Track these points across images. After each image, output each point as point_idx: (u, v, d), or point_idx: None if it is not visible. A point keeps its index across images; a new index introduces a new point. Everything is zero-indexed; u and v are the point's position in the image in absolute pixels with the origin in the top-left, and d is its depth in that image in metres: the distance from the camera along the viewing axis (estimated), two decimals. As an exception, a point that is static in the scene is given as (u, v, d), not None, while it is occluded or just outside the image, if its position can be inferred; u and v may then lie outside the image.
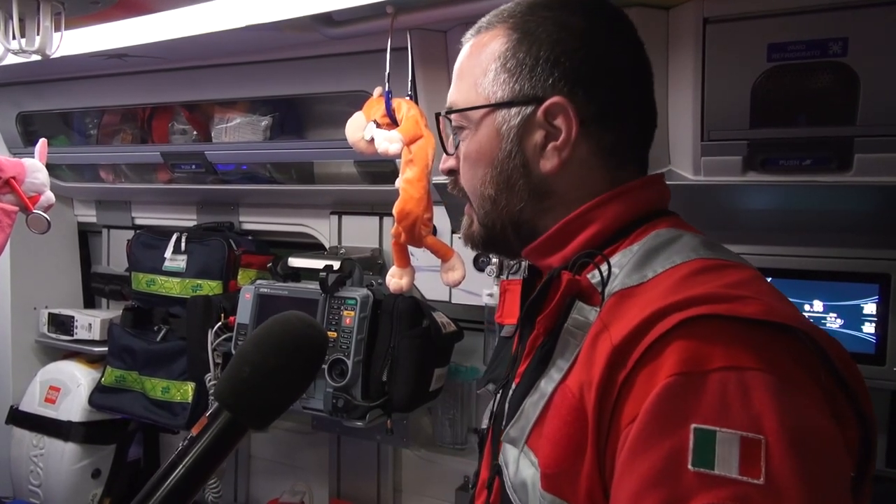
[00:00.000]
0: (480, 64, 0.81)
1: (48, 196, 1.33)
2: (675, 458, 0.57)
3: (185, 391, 1.95)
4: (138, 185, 2.21)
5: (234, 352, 1.78)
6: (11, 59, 1.29)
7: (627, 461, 0.60)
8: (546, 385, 0.72)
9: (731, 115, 1.24)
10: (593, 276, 0.72)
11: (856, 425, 0.64)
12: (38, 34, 1.18)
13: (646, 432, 0.59)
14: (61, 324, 2.27)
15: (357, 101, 1.56)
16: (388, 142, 1.26)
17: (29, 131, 2.24)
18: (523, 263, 1.63)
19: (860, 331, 1.35)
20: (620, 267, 0.72)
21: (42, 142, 1.39)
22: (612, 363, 0.63)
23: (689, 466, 0.56)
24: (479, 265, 1.68)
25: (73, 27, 1.30)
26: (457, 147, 0.86)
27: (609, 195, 0.78)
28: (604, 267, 0.69)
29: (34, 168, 1.31)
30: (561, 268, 0.72)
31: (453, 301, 1.76)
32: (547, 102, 0.77)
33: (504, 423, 0.77)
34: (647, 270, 0.70)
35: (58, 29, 1.18)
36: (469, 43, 0.85)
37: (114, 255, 2.45)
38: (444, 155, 0.89)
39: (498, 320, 0.97)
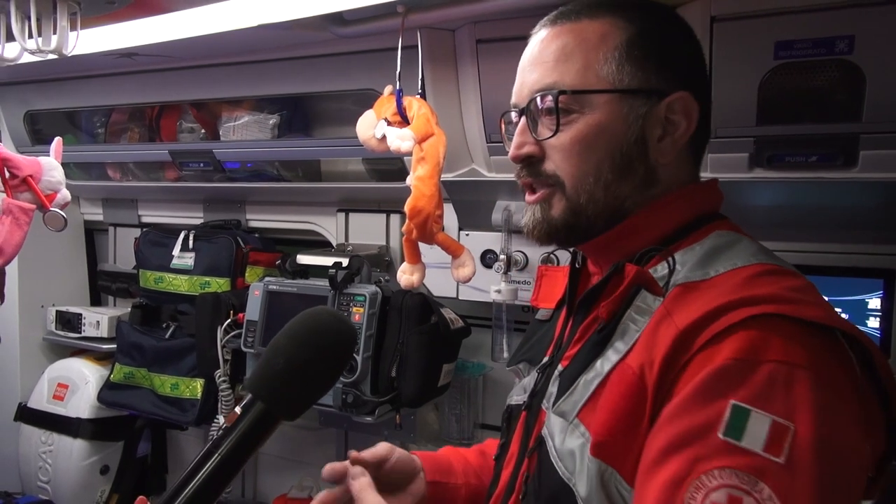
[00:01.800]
0: (595, 48, 0.80)
1: (64, 194, 1.35)
2: (709, 425, 0.63)
3: (194, 387, 1.96)
4: (145, 183, 2.22)
5: (243, 349, 1.80)
6: (23, 58, 1.31)
7: (666, 420, 0.66)
8: (602, 365, 0.75)
9: (738, 112, 1.25)
10: (655, 272, 0.76)
11: (884, 427, 0.69)
12: (53, 34, 1.19)
13: (689, 399, 0.65)
14: (68, 321, 2.29)
15: (363, 99, 1.58)
16: (400, 139, 1.27)
17: (36, 130, 2.25)
18: (529, 259, 1.66)
19: (865, 325, 1.37)
20: (682, 263, 0.76)
21: (57, 140, 1.40)
22: (676, 346, 0.67)
23: (719, 434, 0.62)
24: (487, 262, 1.70)
25: (88, 27, 1.31)
26: (536, 131, 0.83)
27: (679, 194, 0.82)
28: (670, 260, 0.74)
29: (50, 166, 1.33)
30: (625, 261, 0.75)
31: (460, 297, 1.78)
32: (673, 96, 0.80)
33: (554, 399, 0.80)
34: (710, 269, 0.74)
35: (73, 28, 1.19)
36: (564, 26, 0.83)
37: (120, 253, 2.47)
38: (518, 139, 0.85)
39: (533, 303, 1.01)
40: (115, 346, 2.15)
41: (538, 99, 0.81)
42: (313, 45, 1.61)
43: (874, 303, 1.36)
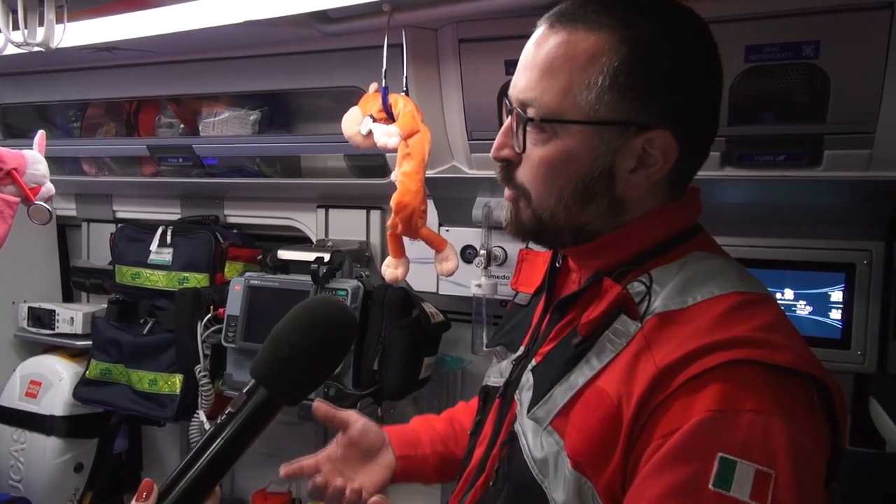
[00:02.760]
0: (581, 70, 0.76)
1: (48, 187, 1.35)
2: (699, 477, 0.67)
3: (172, 383, 1.96)
4: (121, 178, 2.20)
5: (224, 343, 1.81)
6: (8, 50, 1.30)
7: (657, 468, 0.69)
8: (576, 378, 0.78)
9: (711, 113, 1.31)
10: (632, 288, 0.78)
11: (829, 448, 0.74)
12: (39, 26, 1.19)
13: (679, 450, 0.68)
14: (39, 318, 2.26)
15: (344, 95, 1.59)
16: (386, 136, 1.30)
17: (7, 123, 2.22)
18: (509, 254, 1.70)
19: (827, 317, 1.44)
20: (660, 283, 0.78)
21: (41, 133, 1.40)
22: (654, 384, 0.71)
23: (710, 486, 0.66)
24: (467, 257, 1.73)
25: (74, 20, 1.30)
26: (516, 136, 0.82)
27: (657, 212, 0.82)
28: (646, 280, 0.77)
29: (35, 159, 1.33)
30: (603, 274, 0.79)
31: (441, 292, 1.81)
32: (652, 133, 0.77)
33: (532, 399, 0.83)
34: (688, 297, 0.76)
35: (60, 21, 1.19)
36: (558, 33, 0.78)
37: (94, 249, 2.44)
38: (500, 140, 0.85)
39: (513, 286, 1.04)
40: (89, 342, 2.13)
41: (519, 110, 0.81)
42: (297, 42, 1.62)
43: (836, 295, 1.43)
